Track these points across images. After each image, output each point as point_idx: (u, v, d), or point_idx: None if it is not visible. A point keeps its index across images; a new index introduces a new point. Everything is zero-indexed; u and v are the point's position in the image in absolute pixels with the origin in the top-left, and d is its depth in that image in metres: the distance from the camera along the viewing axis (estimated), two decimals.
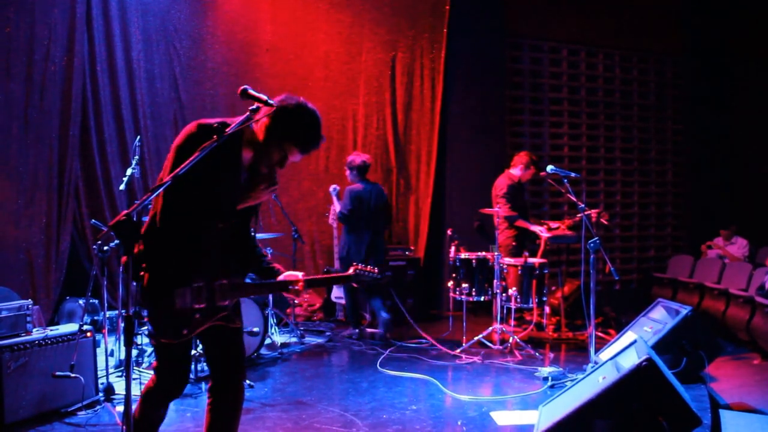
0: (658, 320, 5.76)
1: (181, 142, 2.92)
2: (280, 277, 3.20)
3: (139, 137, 6.16)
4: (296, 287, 3.16)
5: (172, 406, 4.74)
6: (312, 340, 7.08)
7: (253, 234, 3.29)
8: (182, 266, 2.89)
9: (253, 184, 3.06)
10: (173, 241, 2.88)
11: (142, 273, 2.86)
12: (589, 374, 4.37)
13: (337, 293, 7.99)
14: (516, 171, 7.40)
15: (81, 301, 6.45)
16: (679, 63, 10.69)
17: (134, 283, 2.88)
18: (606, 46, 10.18)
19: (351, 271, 3.29)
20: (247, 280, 3.35)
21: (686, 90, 10.72)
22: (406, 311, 7.18)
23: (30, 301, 4.67)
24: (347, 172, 7.11)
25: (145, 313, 2.89)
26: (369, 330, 7.29)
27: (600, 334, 7.03)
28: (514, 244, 7.19)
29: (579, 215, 6.09)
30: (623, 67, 10.37)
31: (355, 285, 3.45)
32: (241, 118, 2.87)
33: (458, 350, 6.41)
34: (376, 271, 3.31)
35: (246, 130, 2.96)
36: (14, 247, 6.56)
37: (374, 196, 7.00)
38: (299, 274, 3.21)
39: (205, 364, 5.48)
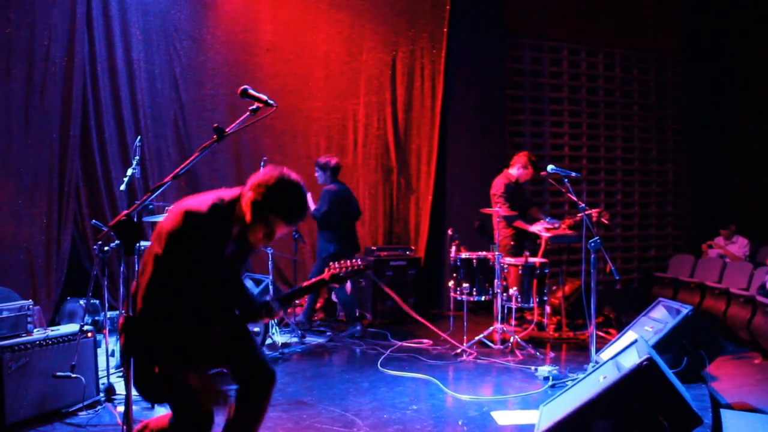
0: (658, 320, 5.76)
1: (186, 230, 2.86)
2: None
3: (139, 137, 6.16)
4: (269, 310, 3.24)
5: None
6: (313, 340, 7.08)
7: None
8: (190, 351, 2.88)
9: (239, 255, 3.15)
10: (176, 327, 2.84)
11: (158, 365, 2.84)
12: (590, 374, 4.37)
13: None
14: (514, 171, 7.40)
15: (82, 302, 6.45)
16: (679, 62, 10.69)
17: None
18: (606, 45, 10.18)
19: (326, 274, 3.33)
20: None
21: (687, 89, 10.73)
22: (410, 309, 7.18)
23: (31, 301, 4.67)
24: (318, 173, 7.32)
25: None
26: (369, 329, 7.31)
27: (601, 333, 7.03)
28: (512, 243, 7.19)
29: (579, 215, 6.09)
30: (624, 67, 10.37)
31: (336, 285, 3.49)
32: (236, 122, 2.94)
33: (459, 350, 6.41)
34: (359, 263, 3.35)
35: (236, 207, 2.97)
36: (15, 247, 6.56)
37: (349, 195, 7.35)
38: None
39: None
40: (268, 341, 6.40)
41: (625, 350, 4.41)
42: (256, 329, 5.77)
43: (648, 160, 10.62)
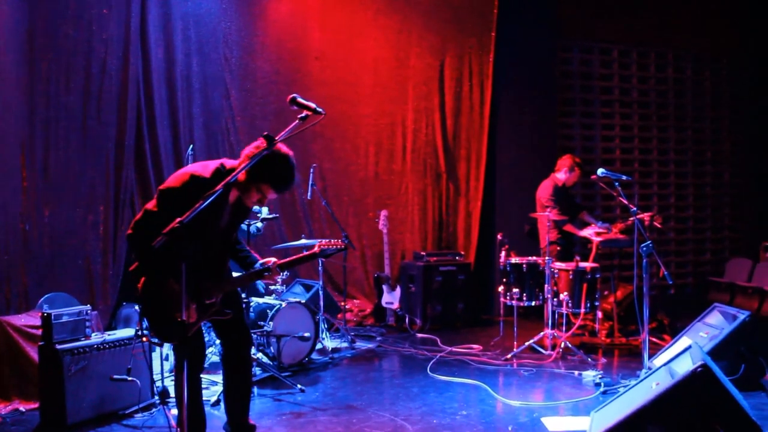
0: (714, 325, 5.62)
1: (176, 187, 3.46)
2: (256, 265, 3.88)
3: (192, 146, 6.31)
4: (270, 272, 3.84)
5: (224, 408, 4.81)
6: (362, 345, 7.11)
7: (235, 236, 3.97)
8: (169, 273, 3.42)
9: (236, 219, 3.75)
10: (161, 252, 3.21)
11: (137, 281, 3.49)
12: (643, 380, 4.29)
13: (387, 298, 8.01)
14: (561, 175, 7.32)
15: (137, 307, 6.60)
16: (734, 62, 10.42)
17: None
18: (659, 45, 10.00)
19: (316, 248, 3.95)
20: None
21: (743, 89, 10.45)
22: (456, 316, 7.16)
23: (89, 306, 4.82)
24: None
25: (145, 323, 3.55)
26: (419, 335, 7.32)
27: (654, 339, 6.89)
28: (558, 248, 7.12)
29: (631, 219, 6.00)
30: (677, 67, 10.17)
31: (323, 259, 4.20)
32: (286, 129, 3.05)
33: (509, 355, 6.36)
34: (341, 243, 4.05)
35: (239, 180, 3.49)
36: (74, 254, 6.76)
37: None
38: (272, 260, 3.86)
39: (257, 367, 5.59)
40: (318, 346, 6.45)
41: (679, 356, 4.31)
42: (306, 334, 5.83)
43: (702, 161, 10.38)
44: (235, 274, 3.95)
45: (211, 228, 3.57)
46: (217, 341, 5.96)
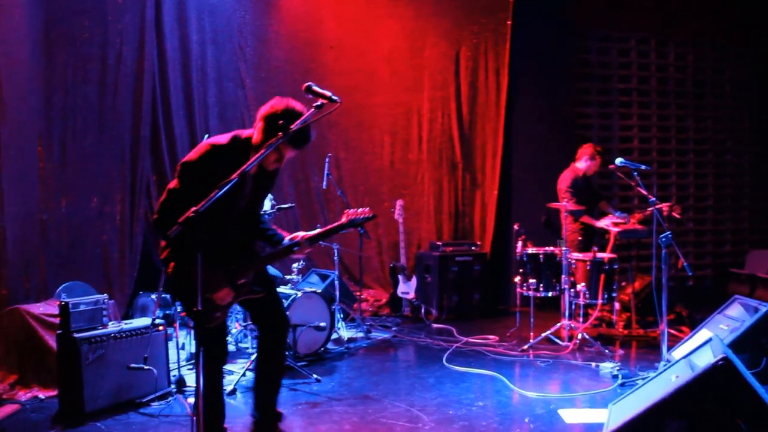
0: (735, 318, 5.55)
1: (197, 158, 3.45)
2: (285, 241, 3.75)
3: (207, 135, 6.29)
4: (299, 247, 3.71)
5: (240, 397, 4.86)
6: (378, 335, 7.11)
7: (261, 213, 3.89)
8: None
9: (259, 189, 3.66)
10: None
11: (169, 265, 3.42)
12: (661, 373, 4.24)
13: (403, 288, 8.00)
14: (581, 164, 7.26)
15: (153, 296, 6.63)
16: (756, 50, 10.25)
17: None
18: (677, 35, 9.85)
19: (344, 219, 3.78)
20: None
21: (765, 78, 10.29)
22: (473, 307, 7.12)
23: (106, 295, 4.85)
24: None
25: (179, 304, 3.43)
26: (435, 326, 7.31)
27: (672, 331, 6.83)
28: (579, 238, 7.07)
29: (650, 209, 5.93)
30: (696, 56, 10.02)
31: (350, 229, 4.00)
32: (301, 118, 3.16)
33: (525, 346, 6.33)
34: (368, 211, 3.88)
35: (251, 140, 3.47)
36: (91, 244, 6.80)
37: None
38: (300, 234, 3.71)
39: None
40: (334, 336, 6.45)
41: (699, 349, 4.26)
42: (322, 324, 5.82)
43: (722, 151, 10.24)
44: None
45: (236, 203, 3.51)
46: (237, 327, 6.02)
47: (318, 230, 3.77)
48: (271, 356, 3.93)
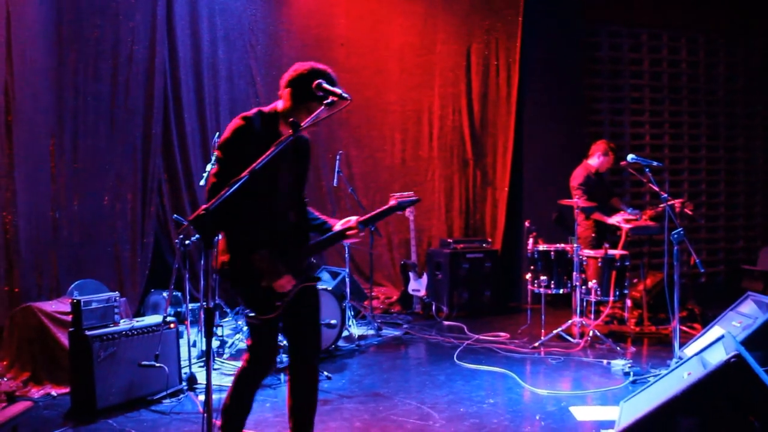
0: (747, 315, 5.50)
1: (230, 135, 3.20)
2: (336, 227, 3.51)
3: (218, 133, 6.31)
4: (352, 231, 3.46)
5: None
6: (389, 332, 7.11)
7: (305, 199, 3.65)
8: (257, 241, 3.19)
9: (298, 168, 3.49)
10: (244, 222, 3.17)
11: (222, 258, 3.21)
12: (673, 370, 4.22)
13: (414, 285, 7.99)
14: (594, 161, 7.22)
15: (165, 294, 6.66)
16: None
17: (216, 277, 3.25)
18: (689, 29, 9.78)
19: (393, 202, 3.56)
20: None
21: None
22: (483, 304, 7.10)
23: (117, 293, 4.87)
24: None
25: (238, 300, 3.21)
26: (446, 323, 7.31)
27: (684, 328, 6.79)
28: (593, 235, 7.03)
29: (662, 205, 5.90)
30: (708, 51, 9.95)
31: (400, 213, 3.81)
32: (312, 115, 3.06)
33: (536, 343, 6.32)
34: (412, 194, 3.68)
35: (277, 108, 3.33)
36: (103, 241, 6.84)
37: None
38: (352, 219, 3.48)
39: (284, 355, 5.60)
40: (345, 333, 6.45)
41: (711, 346, 4.23)
42: (333, 321, 5.82)
43: (735, 147, 10.17)
44: None
45: (279, 179, 3.31)
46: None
47: (369, 214, 3.61)
48: (299, 380, 3.49)
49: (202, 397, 4.75)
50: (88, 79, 6.76)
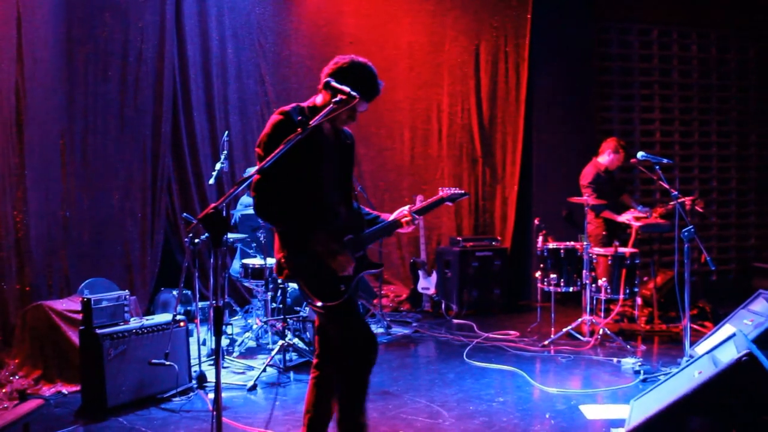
0: (759, 313, 5.46)
1: (270, 131, 3.19)
2: (391, 218, 3.53)
3: (227, 132, 6.33)
4: (406, 220, 3.49)
5: (261, 393, 4.88)
6: (398, 330, 7.11)
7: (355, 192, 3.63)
8: (312, 230, 3.19)
9: (343, 158, 3.47)
10: (297, 218, 3.18)
11: (279, 256, 3.24)
12: (684, 368, 4.20)
13: (423, 284, 7.99)
14: (603, 158, 7.18)
15: (174, 292, 6.68)
16: None
17: (226, 275, 3.23)
18: (700, 25, 9.72)
19: (444, 194, 3.67)
20: None
21: None
22: (493, 302, 7.08)
23: (127, 291, 4.89)
24: None
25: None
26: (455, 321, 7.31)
27: (695, 326, 6.76)
28: (604, 233, 7.00)
29: (672, 203, 5.87)
30: (719, 47, 9.88)
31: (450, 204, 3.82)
32: (320, 113, 3.01)
33: (546, 342, 6.30)
34: (460, 189, 3.76)
35: (316, 103, 3.33)
36: (113, 240, 6.87)
37: None
38: (405, 208, 3.51)
39: (293, 353, 5.61)
40: None
41: (722, 344, 4.20)
42: None
43: (747, 144, 10.09)
44: None
45: (323, 167, 3.30)
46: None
47: (421, 204, 3.67)
48: (323, 392, 3.46)
49: (211, 396, 4.76)
50: (98, 79, 6.78)
